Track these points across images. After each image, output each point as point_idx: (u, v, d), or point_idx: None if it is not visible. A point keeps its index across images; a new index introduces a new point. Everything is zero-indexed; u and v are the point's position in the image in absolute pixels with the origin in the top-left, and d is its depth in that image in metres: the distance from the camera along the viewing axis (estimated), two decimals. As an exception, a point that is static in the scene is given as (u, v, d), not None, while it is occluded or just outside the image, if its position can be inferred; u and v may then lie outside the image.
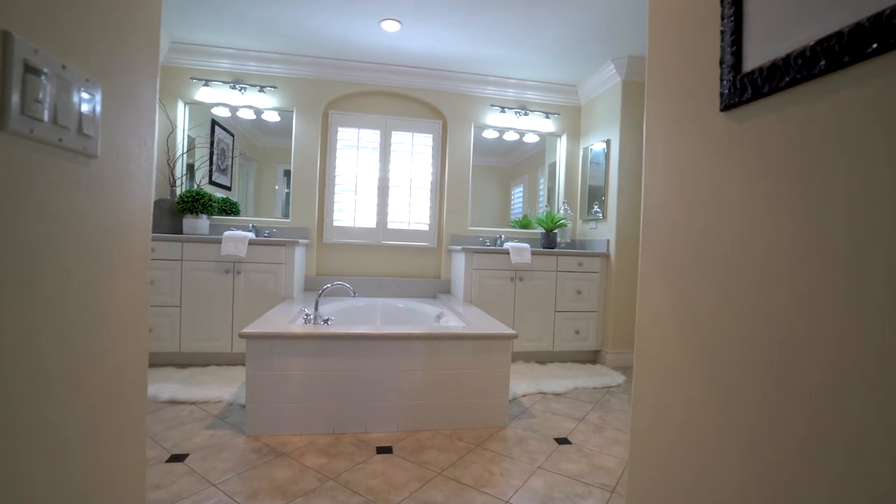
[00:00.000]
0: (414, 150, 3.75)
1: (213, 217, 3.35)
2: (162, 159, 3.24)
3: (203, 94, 3.31)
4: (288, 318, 2.25)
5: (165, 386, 2.43)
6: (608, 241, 3.45)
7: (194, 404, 2.26)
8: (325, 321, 2.25)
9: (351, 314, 3.23)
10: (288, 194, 3.58)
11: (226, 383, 2.53)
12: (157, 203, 3.10)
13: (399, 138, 3.73)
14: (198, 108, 3.43)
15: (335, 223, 3.64)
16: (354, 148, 3.66)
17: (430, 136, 3.78)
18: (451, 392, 2.10)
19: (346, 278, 3.56)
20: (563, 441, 2.04)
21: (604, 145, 3.60)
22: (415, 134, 3.75)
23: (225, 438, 1.91)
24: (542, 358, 3.44)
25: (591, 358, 3.53)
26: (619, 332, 3.39)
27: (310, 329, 1.99)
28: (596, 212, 3.65)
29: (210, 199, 3.11)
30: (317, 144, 3.54)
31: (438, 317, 3.02)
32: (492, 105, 3.79)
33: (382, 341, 2.03)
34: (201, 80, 3.32)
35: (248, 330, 1.91)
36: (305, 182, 3.53)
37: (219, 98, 3.38)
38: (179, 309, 2.85)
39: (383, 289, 3.64)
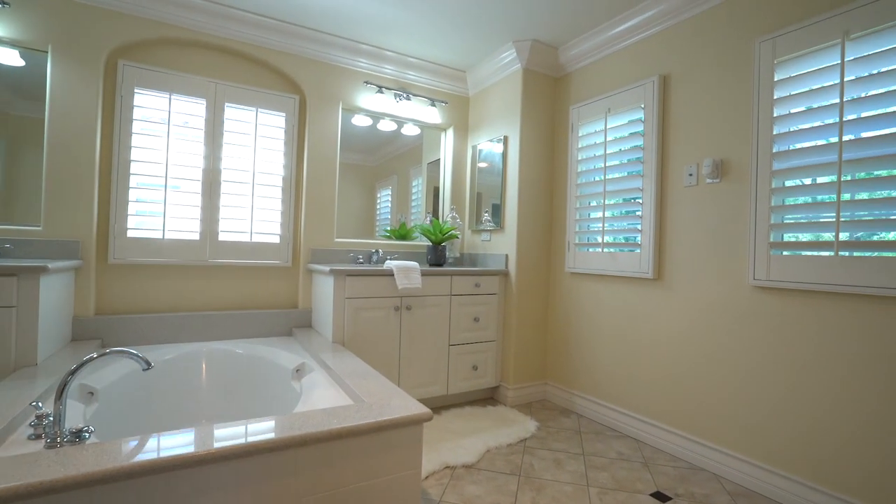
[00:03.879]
0: (259, 133, 2.72)
1: None
2: None
3: None
4: (-10, 434, 1.13)
5: None
6: (507, 255, 2.93)
7: None
8: (79, 433, 1.18)
9: (149, 387, 2.09)
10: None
11: None
12: None
13: (236, 114, 2.66)
14: None
15: (131, 233, 2.40)
16: (164, 123, 2.47)
17: (283, 115, 2.79)
18: (327, 528, 1.26)
19: (150, 316, 2.37)
20: (502, 572, 1.38)
21: (493, 145, 3.08)
22: (260, 111, 2.72)
23: None
24: (436, 404, 2.76)
25: (490, 396, 2.98)
26: (521, 363, 2.89)
27: (28, 471, 0.94)
28: (487, 220, 3.12)
29: None
30: (95, 110, 2.28)
31: (297, 371, 2.11)
32: (366, 83, 2.96)
33: (196, 470, 1.08)
34: None
35: None
36: (71, 167, 2.23)
37: None
38: None
39: (214, 328, 2.53)
